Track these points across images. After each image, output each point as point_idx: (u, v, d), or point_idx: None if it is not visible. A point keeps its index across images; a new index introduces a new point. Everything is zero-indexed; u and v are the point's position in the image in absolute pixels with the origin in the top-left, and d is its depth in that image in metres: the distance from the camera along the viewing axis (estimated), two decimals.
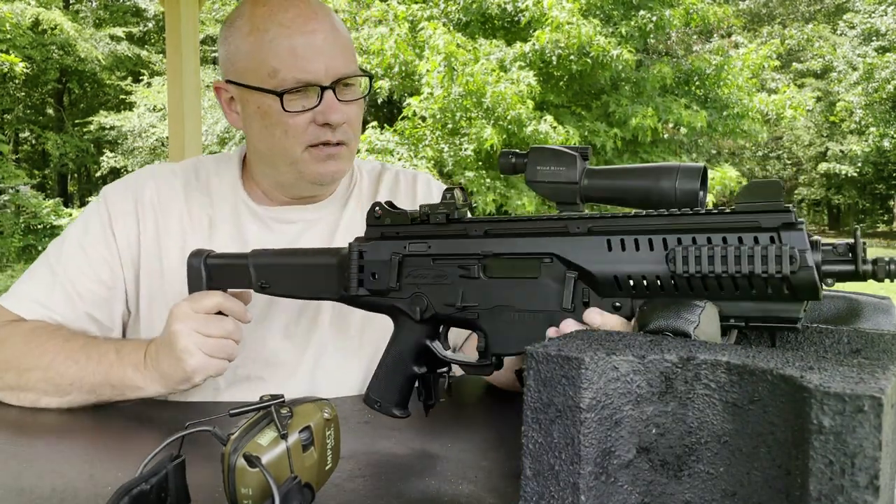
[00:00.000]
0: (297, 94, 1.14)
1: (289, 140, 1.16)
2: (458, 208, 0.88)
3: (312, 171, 1.18)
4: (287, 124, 1.15)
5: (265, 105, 1.15)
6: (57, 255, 1.24)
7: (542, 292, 0.80)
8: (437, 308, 0.88)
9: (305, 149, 1.16)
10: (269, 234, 1.26)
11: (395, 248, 0.91)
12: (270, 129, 1.17)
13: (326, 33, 1.15)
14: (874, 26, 18.45)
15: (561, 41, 10.45)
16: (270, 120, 1.16)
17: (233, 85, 1.20)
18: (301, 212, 1.29)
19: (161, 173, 1.31)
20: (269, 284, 1.04)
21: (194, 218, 1.27)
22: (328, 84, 1.14)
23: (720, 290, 0.69)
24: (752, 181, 0.70)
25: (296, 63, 1.13)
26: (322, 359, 1.23)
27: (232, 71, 1.20)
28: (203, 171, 1.32)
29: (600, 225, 0.77)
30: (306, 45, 1.13)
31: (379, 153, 10.82)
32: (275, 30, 1.14)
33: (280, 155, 1.18)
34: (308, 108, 1.14)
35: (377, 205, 0.95)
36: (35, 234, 12.12)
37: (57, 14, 14.45)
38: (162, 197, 1.27)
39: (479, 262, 0.85)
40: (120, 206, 1.26)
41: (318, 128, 1.15)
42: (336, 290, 0.98)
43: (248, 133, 1.23)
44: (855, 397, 0.45)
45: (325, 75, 1.14)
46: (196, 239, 1.25)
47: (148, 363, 1.06)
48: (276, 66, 1.13)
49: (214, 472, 0.83)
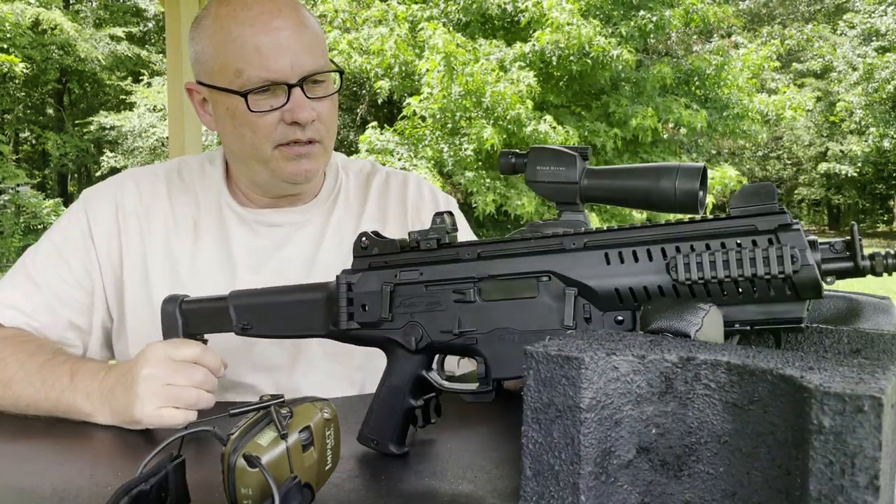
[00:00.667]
0: (263, 93, 1.12)
1: (258, 140, 1.14)
2: (449, 232, 0.86)
3: (284, 171, 1.17)
4: (255, 124, 1.13)
5: (233, 106, 1.14)
6: (35, 261, 1.22)
7: (541, 311, 0.78)
8: (432, 336, 0.86)
9: (276, 147, 1.15)
10: (255, 237, 1.25)
11: (386, 278, 0.89)
12: (240, 130, 1.15)
13: (291, 30, 1.13)
14: (874, 26, 18.45)
15: (561, 42, 10.46)
16: (239, 121, 1.14)
17: (203, 86, 1.19)
18: (286, 214, 1.27)
19: (142, 176, 1.29)
20: (251, 325, 1.00)
21: (179, 220, 1.25)
22: (295, 82, 1.12)
23: (723, 296, 0.68)
24: (745, 186, 0.70)
25: (260, 62, 1.10)
26: (314, 363, 1.22)
27: (201, 72, 1.18)
28: (186, 171, 1.30)
29: (597, 239, 0.76)
30: (270, 44, 1.11)
31: (379, 153, 10.83)
32: (238, 29, 1.11)
33: (251, 155, 1.17)
34: (276, 107, 1.12)
35: (363, 235, 0.92)
36: (35, 234, 12.11)
37: (57, 14, 14.45)
38: (144, 200, 1.26)
39: (474, 286, 0.82)
40: (100, 212, 1.24)
41: (286, 126, 1.13)
42: (324, 325, 0.95)
43: (221, 134, 1.22)
44: (855, 397, 0.45)
45: (291, 73, 1.12)
46: (181, 242, 1.23)
47: (102, 394, 1.01)
48: (241, 66, 1.11)
49: (214, 472, 0.83)
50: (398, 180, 1.38)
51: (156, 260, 1.22)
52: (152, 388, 0.95)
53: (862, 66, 17.76)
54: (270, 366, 1.21)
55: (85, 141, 16.93)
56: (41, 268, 1.21)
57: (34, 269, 1.21)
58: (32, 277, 1.21)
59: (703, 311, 0.66)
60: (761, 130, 12.42)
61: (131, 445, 0.97)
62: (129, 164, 15.90)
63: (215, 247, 1.23)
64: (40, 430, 1.03)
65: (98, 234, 1.23)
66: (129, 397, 0.97)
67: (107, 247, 1.23)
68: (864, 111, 17.88)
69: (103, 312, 1.24)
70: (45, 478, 0.85)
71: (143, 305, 1.21)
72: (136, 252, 1.23)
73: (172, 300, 1.06)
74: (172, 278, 1.22)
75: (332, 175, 1.35)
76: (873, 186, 21.47)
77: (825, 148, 19.68)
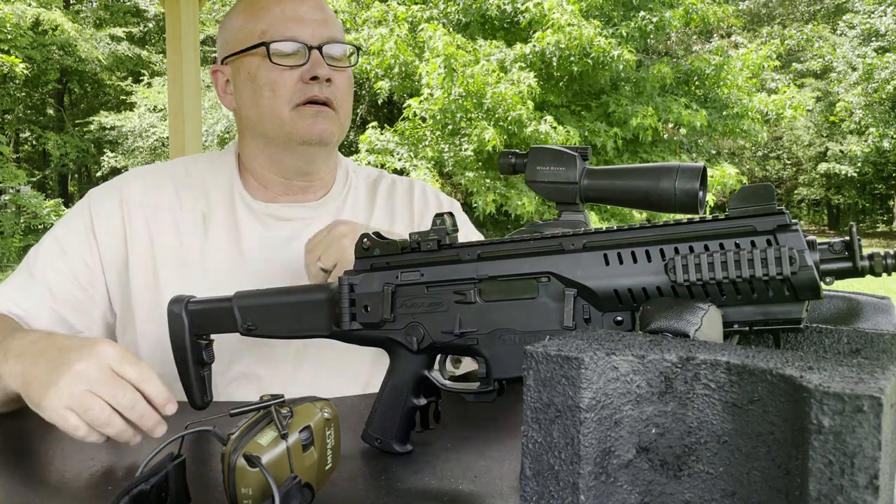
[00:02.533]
0: (285, 55, 1.19)
1: (276, 100, 1.19)
2: (449, 234, 0.87)
3: (301, 129, 1.19)
4: (275, 83, 1.18)
5: (254, 67, 1.20)
6: (36, 255, 1.23)
7: (541, 312, 0.79)
8: (434, 337, 0.86)
9: (294, 108, 1.19)
10: (265, 230, 1.26)
11: (387, 279, 0.90)
12: (259, 92, 1.20)
13: (315, 3, 1.23)
14: (874, 27, 18.45)
15: (562, 42, 10.46)
16: (258, 82, 1.19)
17: (227, 63, 1.25)
18: (297, 209, 1.29)
19: (147, 172, 1.31)
20: (255, 326, 1.01)
21: (187, 212, 1.26)
22: (315, 45, 1.19)
23: (721, 296, 0.68)
24: (744, 186, 0.70)
25: (284, 23, 1.19)
26: (322, 358, 1.23)
27: (228, 47, 1.24)
28: (195, 167, 1.32)
29: (595, 240, 0.76)
30: (294, 9, 1.20)
31: (379, 153, 10.83)
32: (267, 1, 1.21)
33: (269, 117, 1.20)
34: (295, 65, 1.19)
35: (365, 236, 0.93)
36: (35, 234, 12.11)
37: (57, 14, 14.44)
38: (150, 194, 1.27)
39: (474, 287, 0.83)
40: (103, 206, 1.25)
41: (305, 85, 1.18)
42: (327, 326, 0.96)
43: (239, 107, 1.25)
44: (854, 397, 0.45)
45: (312, 37, 1.20)
46: (190, 233, 1.24)
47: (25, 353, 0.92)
48: (266, 27, 1.19)
49: (214, 472, 0.83)
50: (404, 186, 1.40)
51: (164, 251, 1.23)
52: (74, 386, 0.84)
53: (862, 67, 17.76)
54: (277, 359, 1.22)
55: (85, 141, 16.93)
56: (39, 261, 1.22)
57: (33, 262, 1.23)
58: (30, 269, 1.22)
59: (702, 311, 0.66)
60: (761, 130, 12.42)
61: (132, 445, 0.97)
62: (130, 164, 15.90)
63: (226, 238, 1.24)
64: (40, 430, 1.04)
65: (100, 228, 1.24)
66: (49, 378, 0.86)
67: (108, 240, 1.24)
68: (863, 111, 17.88)
69: (104, 305, 1.25)
70: (44, 478, 0.86)
71: (152, 297, 1.22)
72: (143, 243, 1.24)
73: (178, 301, 1.07)
74: (182, 269, 1.23)
75: (343, 174, 1.36)
76: (873, 186, 21.47)
77: (825, 148, 19.68)
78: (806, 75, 20.42)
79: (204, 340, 1.07)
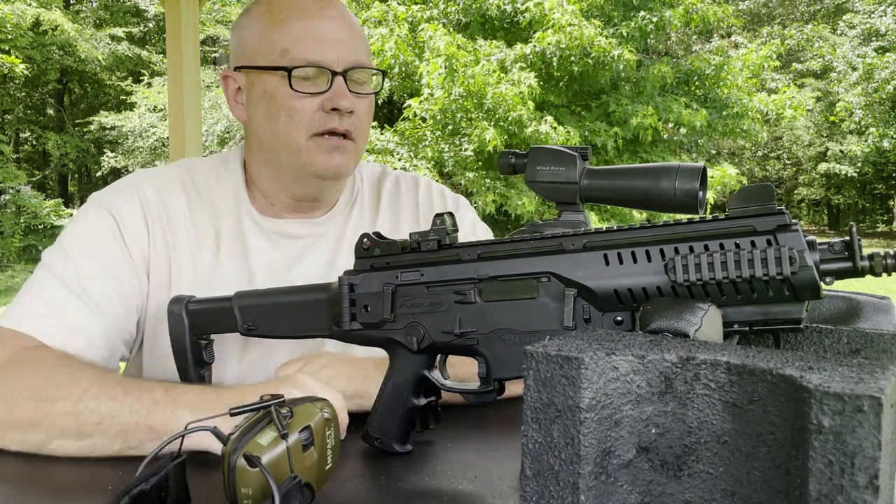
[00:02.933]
0: (305, 80, 1.10)
1: (293, 125, 1.11)
2: (449, 233, 0.87)
3: (316, 163, 1.13)
4: (293, 108, 1.11)
5: (271, 87, 1.12)
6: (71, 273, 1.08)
7: (541, 312, 0.79)
8: (434, 337, 0.86)
9: (310, 137, 1.12)
10: (274, 249, 1.21)
11: (387, 279, 0.90)
12: (275, 114, 1.12)
13: (341, 21, 1.14)
14: (874, 27, 18.45)
15: (563, 42, 10.46)
16: (276, 103, 1.11)
17: (241, 71, 1.17)
18: (305, 225, 1.24)
19: (158, 180, 1.20)
20: (255, 326, 1.01)
21: (199, 229, 1.18)
22: (339, 70, 1.11)
23: (721, 296, 0.68)
24: (744, 186, 0.70)
25: (309, 44, 1.10)
26: None
27: (242, 57, 1.17)
28: (200, 175, 1.23)
29: (596, 240, 0.76)
30: (320, 29, 1.11)
31: (379, 153, 10.83)
32: (289, 11, 1.12)
33: (283, 143, 1.13)
34: (317, 92, 1.11)
35: (365, 236, 0.93)
36: (35, 234, 12.11)
37: (57, 14, 14.45)
38: (167, 208, 1.17)
39: (474, 287, 0.83)
40: (129, 214, 1.14)
41: (324, 115, 1.11)
42: (327, 326, 0.96)
43: (251, 122, 1.18)
44: (854, 397, 0.45)
45: (337, 61, 1.11)
46: (203, 254, 1.17)
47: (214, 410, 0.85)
48: (288, 45, 1.10)
49: (214, 472, 0.83)
50: (409, 184, 1.36)
51: (182, 272, 1.16)
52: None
53: (862, 67, 17.76)
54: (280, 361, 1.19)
55: (85, 141, 16.94)
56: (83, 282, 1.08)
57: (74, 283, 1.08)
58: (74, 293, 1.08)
59: (702, 311, 0.66)
60: (761, 129, 12.42)
61: None
62: (130, 164, 15.90)
63: (235, 258, 1.18)
64: None
65: (132, 240, 1.14)
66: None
67: (140, 250, 1.14)
68: (863, 111, 17.88)
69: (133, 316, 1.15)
70: (45, 478, 0.86)
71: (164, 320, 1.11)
72: (162, 257, 1.16)
73: (178, 301, 1.06)
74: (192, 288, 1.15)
75: (350, 183, 1.32)
76: (873, 186, 21.47)
77: (825, 148, 19.68)
78: (806, 75, 20.42)
79: (204, 340, 1.07)
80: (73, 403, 0.90)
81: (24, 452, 0.91)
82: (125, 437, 0.89)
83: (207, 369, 1.09)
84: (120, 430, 0.89)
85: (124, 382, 0.93)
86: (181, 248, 1.16)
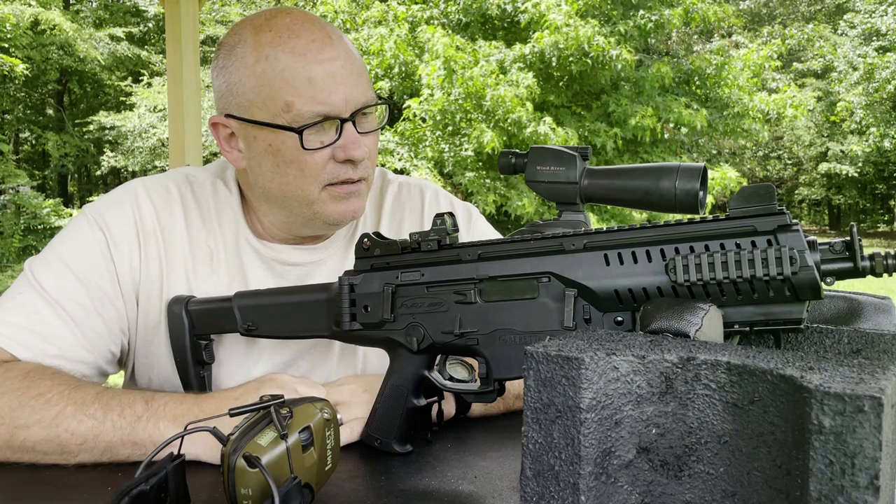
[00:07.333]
0: (313, 128, 1.02)
1: (306, 179, 1.04)
2: (449, 234, 0.87)
3: (331, 212, 1.07)
4: (304, 162, 1.03)
5: (277, 142, 1.03)
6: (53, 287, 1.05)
7: (541, 312, 0.79)
8: (434, 337, 0.86)
9: (323, 188, 1.06)
10: (272, 276, 1.16)
11: (387, 279, 0.90)
12: (283, 169, 1.04)
13: (343, 60, 1.04)
14: (874, 26, 18.45)
15: (560, 43, 10.46)
16: (284, 158, 1.03)
17: (235, 120, 1.07)
18: (305, 252, 1.18)
19: (155, 192, 1.15)
20: (255, 326, 1.01)
21: (194, 246, 1.14)
22: (348, 116, 1.03)
23: (722, 297, 0.68)
24: (744, 187, 0.70)
25: (313, 95, 1.01)
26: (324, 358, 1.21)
27: (234, 105, 1.06)
28: (199, 188, 1.18)
29: (596, 240, 0.76)
30: (324, 75, 1.01)
31: (379, 153, 10.80)
32: (286, 58, 1.01)
33: (295, 196, 1.06)
34: (327, 143, 1.03)
35: (365, 236, 0.92)
36: (35, 234, 12.11)
37: (56, 14, 14.44)
38: (162, 221, 1.13)
39: (475, 287, 0.83)
40: (120, 230, 1.11)
41: (337, 165, 1.04)
42: (327, 326, 0.96)
43: (255, 173, 1.09)
44: (855, 397, 0.45)
45: (344, 107, 1.03)
46: (198, 274, 1.14)
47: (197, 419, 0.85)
48: (291, 99, 1.01)
49: (214, 472, 0.83)
50: (413, 192, 1.29)
51: (174, 285, 1.12)
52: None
53: (862, 66, 17.76)
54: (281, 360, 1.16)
55: (85, 141, 16.93)
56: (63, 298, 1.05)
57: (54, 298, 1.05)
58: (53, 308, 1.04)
59: (702, 311, 0.66)
60: (762, 129, 12.41)
61: None
62: (130, 164, 15.90)
63: (230, 284, 1.14)
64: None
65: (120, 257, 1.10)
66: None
67: (129, 268, 1.11)
68: (864, 111, 17.88)
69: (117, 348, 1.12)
70: (45, 478, 0.86)
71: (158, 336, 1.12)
72: (154, 273, 1.12)
73: (178, 301, 1.06)
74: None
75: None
76: (874, 186, 21.47)
77: (826, 148, 19.69)
78: (807, 75, 20.42)
79: (204, 341, 1.07)
80: (49, 428, 0.90)
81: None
82: (112, 453, 0.90)
83: (207, 369, 1.09)
84: (105, 448, 0.90)
85: (101, 397, 0.93)
86: (175, 264, 1.13)
